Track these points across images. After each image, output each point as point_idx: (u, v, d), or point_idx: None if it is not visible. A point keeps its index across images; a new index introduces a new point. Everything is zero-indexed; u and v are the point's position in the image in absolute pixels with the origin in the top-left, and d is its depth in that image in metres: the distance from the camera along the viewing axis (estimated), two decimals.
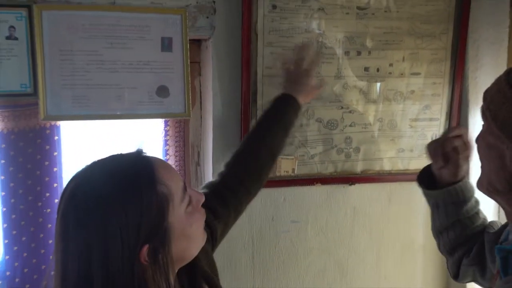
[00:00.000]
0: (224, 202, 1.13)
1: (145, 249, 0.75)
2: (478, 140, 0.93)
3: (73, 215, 0.75)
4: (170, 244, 0.79)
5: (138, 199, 0.75)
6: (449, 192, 1.11)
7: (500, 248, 0.89)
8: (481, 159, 0.93)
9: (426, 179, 1.15)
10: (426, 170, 1.15)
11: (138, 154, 0.84)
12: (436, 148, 1.10)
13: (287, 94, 1.32)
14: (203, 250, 0.97)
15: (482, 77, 1.62)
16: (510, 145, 0.82)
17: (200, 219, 0.88)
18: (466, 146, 1.08)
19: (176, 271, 0.87)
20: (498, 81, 0.86)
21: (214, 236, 1.09)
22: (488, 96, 0.88)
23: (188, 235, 0.84)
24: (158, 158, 0.86)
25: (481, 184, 0.93)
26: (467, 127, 1.67)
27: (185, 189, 0.84)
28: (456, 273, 1.16)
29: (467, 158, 1.09)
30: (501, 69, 1.56)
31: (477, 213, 1.14)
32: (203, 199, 0.88)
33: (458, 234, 1.13)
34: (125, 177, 0.78)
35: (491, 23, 1.58)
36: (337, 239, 1.69)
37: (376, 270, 1.74)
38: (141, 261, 0.75)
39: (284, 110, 1.29)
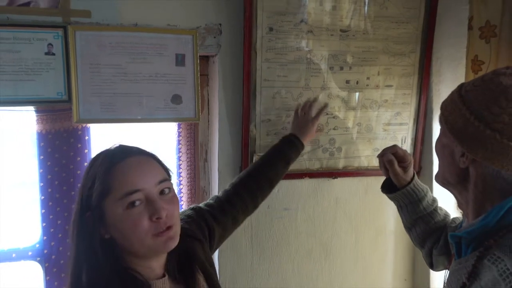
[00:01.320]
0: (224, 211, 1.18)
1: (88, 214, 0.86)
2: (436, 142, 0.98)
3: None
4: (104, 224, 0.86)
5: (91, 180, 0.87)
6: (403, 194, 1.17)
7: (453, 235, 0.93)
8: (438, 157, 0.98)
9: (391, 185, 1.22)
10: (389, 179, 1.23)
11: (127, 150, 0.92)
12: (379, 160, 1.19)
13: (293, 135, 1.40)
14: (200, 244, 1.04)
15: (444, 89, 1.67)
16: (458, 144, 0.87)
17: (140, 224, 0.84)
18: (404, 159, 1.15)
19: (159, 258, 0.91)
20: (452, 94, 0.93)
21: (212, 235, 1.12)
22: (444, 105, 0.94)
23: (121, 229, 0.85)
24: (139, 159, 0.88)
25: (438, 178, 0.99)
26: (431, 131, 1.73)
27: (132, 193, 0.84)
28: (430, 263, 1.19)
29: (405, 168, 1.16)
30: (460, 82, 1.62)
31: (436, 209, 1.19)
32: (159, 213, 0.84)
33: (423, 229, 1.17)
34: (94, 162, 0.90)
35: (452, 44, 1.63)
36: (322, 225, 1.73)
37: (354, 251, 1.78)
38: (88, 222, 0.86)
39: (289, 150, 1.37)
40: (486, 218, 0.85)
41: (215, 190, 1.64)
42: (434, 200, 1.20)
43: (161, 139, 1.66)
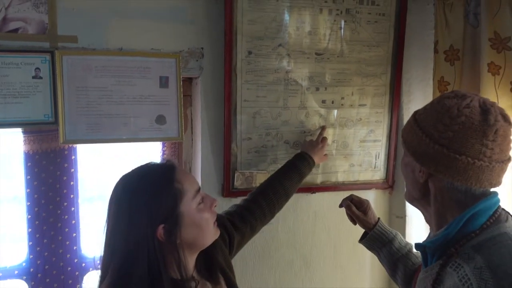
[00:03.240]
0: (243, 219, 1.24)
1: (161, 227, 0.88)
2: (401, 163, 1.03)
3: (114, 200, 0.92)
4: (181, 228, 0.91)
5: (158, 191, 0.90)
6: (373, 237, 1.25)
7: (417, 244, 0.97)
8: (403, 176, 1.03)
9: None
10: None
11: (167, 162, 0.98)
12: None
13: (305, 152, 1.49)
14: (221, 250, 1.09)
15: (413, 108, 1.69)
16: (415, 161, 0.93)
17: (209, 216, 0.97)
18: (360, 204, 1.27)
19: (195, 257, 0.99)
20: (409, 119, 1.00)
21: (231, 242, 1.18)
22: (403, 129, 1.02)
23: (197, 225, 0.94)
24: (180, 168, 1.00)
25: (406, 196, 1.04)
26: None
27: (198, 191, 0.96)
28: None
29: (365, 211, 1.27)
30: (428, 101, 1.67)
31: (410, 251, 1.22)
32: (215, 202, 1.00)
33: (403, 271, 1.20)
34: (151, 175, 0.94)
35: (420, 66, 1.69)
36: (302, 237, 1.75)
37: (333, 261, 1.80)
38: (158, 237, 0.88)
39: (301, 164, 1.45)
40: (447, 229, 0.89)
41: None
42: (407, 243, 1.25)
43: (146, 158, 1.65)
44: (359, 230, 1.80)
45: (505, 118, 0.88)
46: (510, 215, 0.92)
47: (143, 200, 0.89)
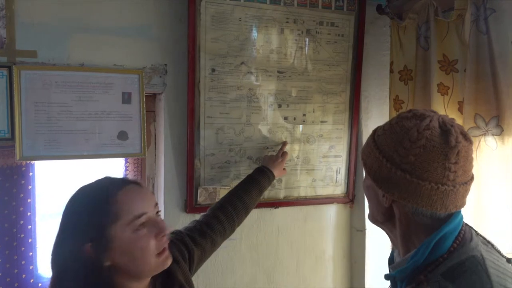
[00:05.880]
0: (203, 234, 1.22)
1: (88, 246, 0.86)
2: (363, 184, 0.99)
3: (62, 213, 0.91)
4: (110, 252, 0.86)
5: (91, 208, 0.88)
6: None
7: (387, 275, 0.92)
8: (366, 197, 0.99)
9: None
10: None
11: (122, 179, 0.94)
12: None
13: (265, 167, 1.51)
14: (181, 266, 1.07)
15: (371, 125, 1.78)
16: (376, 186, 0.87)
17: (150, 246, 0.88)
18: None
19: (145, 281, 0.95)
20: (368, 139, 0.94)
21: (192, 257, 1.15)
22: (362, 150, 0.95)
23: (130, 253, 0.87)
24: (135, 187, 0.91)
25: (369, 217, 0.98)
26: None
27: (141, 216, 0.88)
28: None
29: None
30: (385, 118, 1.76)
31: None
32: (165, 231, 0.91)
33: None
34: (93, 191, 0.91)
35: (377, 85, 1.76)
36: (265, 252, 1.75)
37: (296, 276, 1.81)
38: (87, 253, 0.85)
39: (261, 178, 1.47)
40: (415, 256, 0.85)
41: None
42: None
43: (108, 174, 1.64)
44: (322, 245, 1.86)
45: (465, 137, 0.84)
46: (474, 230, 0.90)
47: (77, 214, 0.88)
